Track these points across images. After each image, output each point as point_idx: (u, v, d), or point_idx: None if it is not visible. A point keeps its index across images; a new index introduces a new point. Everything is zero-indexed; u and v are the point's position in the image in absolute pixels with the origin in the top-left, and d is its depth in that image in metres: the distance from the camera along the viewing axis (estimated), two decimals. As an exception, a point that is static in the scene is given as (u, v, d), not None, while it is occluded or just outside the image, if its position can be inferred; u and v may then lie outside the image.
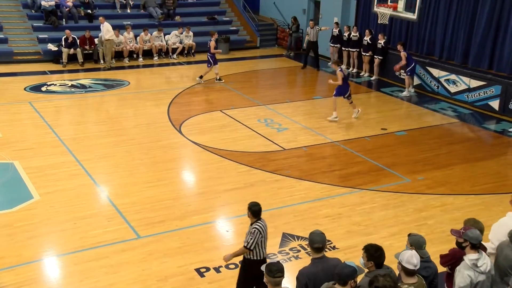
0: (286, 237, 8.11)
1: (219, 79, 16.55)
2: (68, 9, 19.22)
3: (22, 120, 12.67)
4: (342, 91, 13.23)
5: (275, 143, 11.90)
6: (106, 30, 17.64)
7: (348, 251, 7.67)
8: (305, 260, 7.36)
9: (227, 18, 22.41)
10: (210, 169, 10.53)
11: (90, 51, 18.30)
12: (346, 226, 8.47)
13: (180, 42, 19.86)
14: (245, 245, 5.94)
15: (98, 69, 17.85)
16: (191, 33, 19.94)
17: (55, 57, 17.93)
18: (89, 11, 19.70)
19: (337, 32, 18.78)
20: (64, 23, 19.03)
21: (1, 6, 18.70)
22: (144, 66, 18.63)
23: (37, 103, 13.87)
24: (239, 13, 22.79)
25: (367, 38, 17.59)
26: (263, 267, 4.69)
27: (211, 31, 16.94)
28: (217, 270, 7.24)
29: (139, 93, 15.37)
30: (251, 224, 5.97)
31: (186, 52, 19.91)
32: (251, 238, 5.88)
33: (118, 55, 18.63)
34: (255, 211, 5.96)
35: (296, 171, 10.45)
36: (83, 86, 15.76)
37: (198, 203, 9.17)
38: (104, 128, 12.51)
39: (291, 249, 7.82)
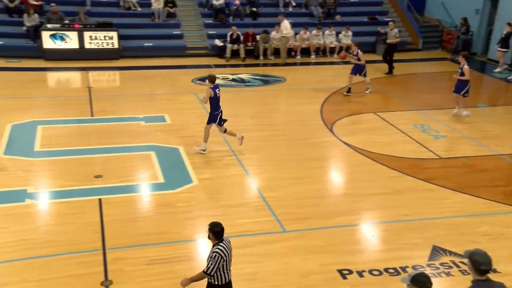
0: (437, 251, 7.63)
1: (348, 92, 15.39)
2: (235, 7, 20.39)
3: (188, 109, 13.74)
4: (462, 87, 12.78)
5: (430, 151, 11.26)
6: (284, 27, 18.44)
7: None
8: (457, 278, 6.87)
9: (389, 18, 21.74)
10: (359, 171, 10.35)
11: (252, 48, 19.18)
12: (510, 248, 7.69)
13: (338, 41, 19.82)
14: (205, 270, 5.46)
15: (258, 65, 18.64)
16: (350, 33, 19.78)
17: (219, 52, 19.16)
18: (254, 9, 20.68)
19: (508, 34, 17.06)
20: (230, 20, 20.23)
21: (181, 5, 20.55)
22: (301, 64, 18.96)
23: (202, 94, 14.91)
24: (402, 13, 21.98)
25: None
26: (404, 280, 4.38)
27: (355, 43, 16.18)
28: (360, 274, 7.10)
29: (293, 90, 15.70)
30: (213, 246, 5.51)
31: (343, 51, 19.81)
32: (211, 264, 5.41)
33: (278, 52, 19.24)
34: (216, 232, 5.46)
35: (452, 182, 9.77)
36: (242, 81, 16.59)
37: (344, 204, 9.08)
38: (257, 122, 13.02)
39: (441, 264, 7.34)
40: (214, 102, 10.47)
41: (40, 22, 17.86)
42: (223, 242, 5.53)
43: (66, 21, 17.98)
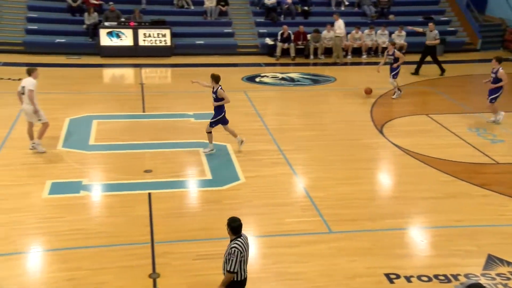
0: (493, 260, 7.33)
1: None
2: (287, 6, 20.36)
3: (237, 107, 13.78)
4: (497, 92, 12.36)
5: (486, 155, 10.84)
6: (338, 26, 18.32)
7: None
8: (511, 289, 6.59)
9: (446, 18, 21.10)
10: (409, 173, 10.10)
11: (302, 47, 19.09)
12: None
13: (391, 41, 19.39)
14: (228, 269, 5.44)
15: (308, 64, 18.54)
16: (403, 33, 19.33)
17: (270, 51, 19.18)
18: (305, 8, 20.57)
19: None
20: (282, 19, 20.22)
21: (233, 4, 20.73)
22: (352, 63, 18.70)
23: (251, 92, 15.01)
24: (460, 12, 21.26)
25: None
26: None
27: (391, 42, 15.73)
28: (408, 279, 6.93)
29: (343, 90, 15.50)
30: (230, 242, 5.51)
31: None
32: (232, 260, 5.39)
33: (328, 51, 19.07)
34: (234, 227, 5.46)
35: (510, 189, 9.37)
36: (292, 80, 16.55)
37: (393, 207, 8.89)
38: (306, 121, 12.95)
39: (498, 275, 7.04)
40: (220, 102, 10.44)
41: (98, 21, 18.47)
42: (241, 237, 5.51)
43: (122, 19, 18.51)
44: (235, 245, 5.42)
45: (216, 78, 10.32)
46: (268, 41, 19.34)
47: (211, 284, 6.73)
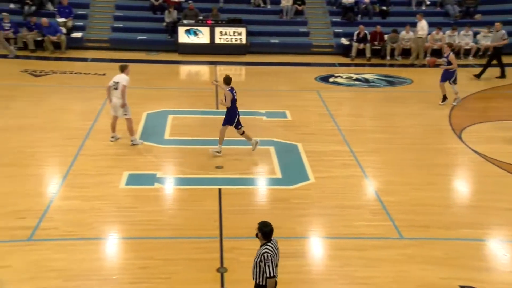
0: None
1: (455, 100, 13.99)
2: (364, 5, 19.97)
3: (309, 107, 13.77)
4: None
5: None
6: (421, 27, 17.81)
7: None
8: None
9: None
10: (490, 182, 9.60)
11: (378, 47, 18.65)
12: None
13: (475, 43, 18.51)
14: (268, 276, 5.26)
15: (384, 65, 18.09)
16: (491, 34, 18.33)
17: (345, 51, 18.91)
18: (384, 7, 20.08)
19: None
20: (359, 18, 19.87)
21: (309, 3, 20.65)
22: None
23: (324, 92, 14.87)
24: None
25: None
26: None
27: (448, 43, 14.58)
28: (482, 293, 6.60)
29: (420, 93, 14.99)
30: (261, 247, 5.37)
31: (481, 53, 18.46)
32: (267, 265, 5.24)
33: (406, 53, 18.51)
34: (266, 232, 5.34)
35: None
36: (366, 81, 16.22)
37: (470, 216, 8.48)
38: (379, 123, 12.65)
39: None
40: (232, 104, 10.11)
41: (177, 18, 19.07)
42: (271, 242, 5.42)
43: (200, 17, 18.99)
44: (265, 250, 5.32)
45: (227, 80, 10.12)
46: (344, 41, 19.07)
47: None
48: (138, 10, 20.04)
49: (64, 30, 17.93)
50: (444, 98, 13.79)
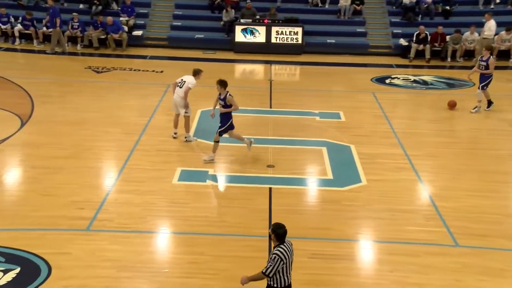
0: None
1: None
2: (426, 5, 19.40)
3: (363, 109, 13.54)
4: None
5: None
6: (488, 28, 17.14)
7: None
8: None
9: None
10: (554, 192, 9.10)
11: (439, 48, 18.07)
12: None
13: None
14: (264, 271, 5.33)
15: (444, 67, 17.53)
16: None
17: (403, 52, 18.45)
18: (447, 7, 19.42)
19: None
20: (419, 19, 19.33)
21: (368, 3, 20.33)
22: (496, 68, 17.20)
23: (379, 94, 14.59)
24: None
25: None
26: None
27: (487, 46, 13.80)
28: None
29: (483, 96, 14.38)
30: (274, 248, 5.37)
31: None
32: (271, 265, 5.30)
33: (468, 54, 17.85)
34: (280, 234, 5.33)
35: None
36: (424, 83, 15.76)
37: (532, 227, 8.07)
38: (436, 127, 12.28)
39: None
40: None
41: (235, 18, 19.27)
42: (285, 244, 5.39)
43: (257, 17, 19.10)
44: (277, 251, 5.32)
45: (223, 84, 9.90)
46: (402, 41, 18.61)
47: (323, 284, 6.74)
48: (197, 9, 20.42)
49: (126, 28, 18.54)
50: (489, 103, 13.12)
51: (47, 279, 6.64)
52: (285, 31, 18.68)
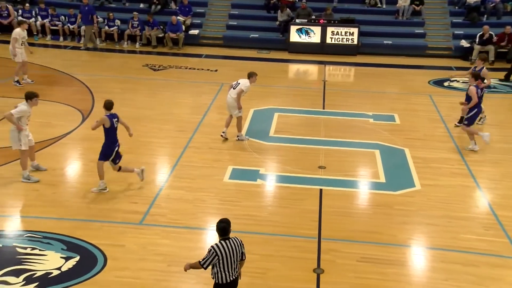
0: None
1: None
2: (493, 4, 18.60)
3: (419, 111, 13.15)
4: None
5: None
6: None
7: None
8: None
9: None
10: None
11: (505, 50, 17.30)
12: None
13: None
14: (200, 260, 5.47)
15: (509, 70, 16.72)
16: None
17: (464, 54, 17.79)
18: (517, 5, 18.55)
19: None
20: (484, 19, 18.57)
21: (429, 3, 19.74)
22: None
23: (436, 97, 14.13)
24: None
25: None
26: None
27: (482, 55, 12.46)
28: None
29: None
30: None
31: None
32: (206, 257, 5.43)
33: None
34: (218, 228, 5.42)
35: None
36: (487, 86, 15.09)
37: None
38: (499, 132, 11.76)
39: None
40: (110, 133, 8.59)
41: (290, 18, 19.23)
42: (228, 240, 5.44)
43: (313, 17, 18.97)
44: (213, 245, 5.42)
45: (107, 105, 8.58)
46: (464, 43, 17.92)
47: (373, 290, 6.59)
48: (253, 9, 20.51)
49: (183, 27, 18.91)
50: (461, 119, 11.53)
51: (103, 269, 6.89)
52: (341, 32, 18.45)
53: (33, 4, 19.57)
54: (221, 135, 11.02)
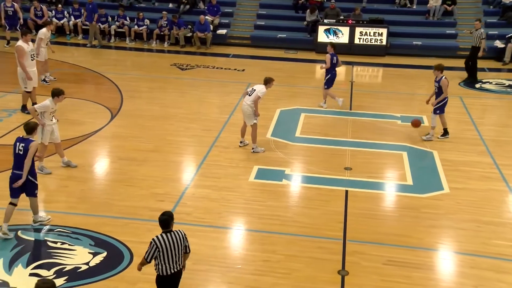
0: None
1: None
2: (529, 3, 18.16)
3: (449, 114, 12.69)
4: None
5: None
6: None
7: None
8: None
9: None
10: None
11: (538, 51, 16.86)
12: None
13: None
14: (144, 255, 5.56)
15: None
16: None
17: (498, 55, 17.40)
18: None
19: None
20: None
21: (461, 3, 19.37)
22: None
23: (467, 99, 13.85)
24: None
25: None
26: None
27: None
28: None
29: None
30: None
31: None
32: (147, 251, 5.52)
33: None
34: (160, 220, 5.50)
35: None
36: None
37: None
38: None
39: None
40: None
41: (318, 18, 19.13)
42: (170, 233, 5.52)
43: (341, 17, 18.82)
44: (154, 238, 5.49)
45: (29, 130, 7.58)
46: (498, 43, 17.53)
47: (398, 293, 6.50)
48: (281, 9, 20.49)
49: (211, 27, 19.01)
50: (445, 132, 11.21)
51: (129, 266, 6.98)
52: (369, 32, 18.26)
53: (67, 5, 19.98)
54: (240, 146, 10.63)
